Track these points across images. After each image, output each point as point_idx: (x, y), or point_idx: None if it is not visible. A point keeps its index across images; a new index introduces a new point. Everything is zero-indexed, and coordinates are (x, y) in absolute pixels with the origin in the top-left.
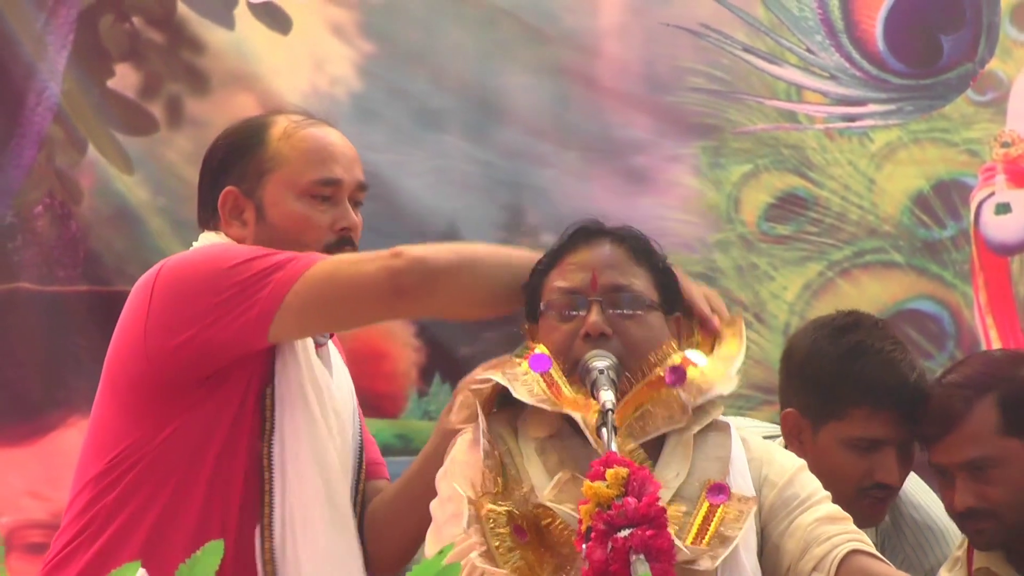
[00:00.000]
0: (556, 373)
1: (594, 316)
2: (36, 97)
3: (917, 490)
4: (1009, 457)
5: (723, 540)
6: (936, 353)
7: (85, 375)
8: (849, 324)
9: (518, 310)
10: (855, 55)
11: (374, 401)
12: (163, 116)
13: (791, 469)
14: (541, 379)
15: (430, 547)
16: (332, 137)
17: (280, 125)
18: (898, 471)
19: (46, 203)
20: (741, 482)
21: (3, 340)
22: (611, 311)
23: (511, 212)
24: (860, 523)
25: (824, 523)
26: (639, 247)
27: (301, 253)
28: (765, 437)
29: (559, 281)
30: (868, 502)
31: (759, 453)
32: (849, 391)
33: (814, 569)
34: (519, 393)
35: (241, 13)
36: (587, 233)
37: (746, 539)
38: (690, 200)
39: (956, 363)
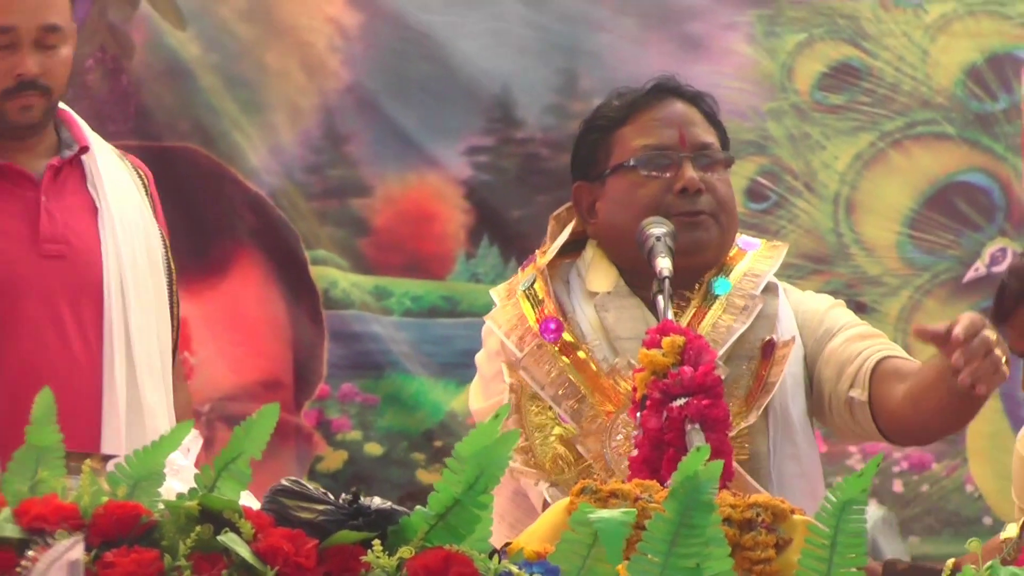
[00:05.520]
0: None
1: (690, 172)
2: None
3: None
4: None
5: (766, 388)
6: (985, 225)
7: None
8: None
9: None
10: None
11: (422, 263)
12: None
13: (823, 307)
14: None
15: (475, 399)
16: None
17: None
18: None
19: (97, 57)
20: (786, 335)
21: None
22: (699, 168)
23: (565, 76)
24: None
25: (854, 341)
26: (708, 107)
27: None
28: None
29: (643, 139)
30: None
31: (796, 302)
32: None
33: (851, 387)
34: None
35: None
36: (662, 90)
37: (792, 391)
38: (744, 68)
39: None
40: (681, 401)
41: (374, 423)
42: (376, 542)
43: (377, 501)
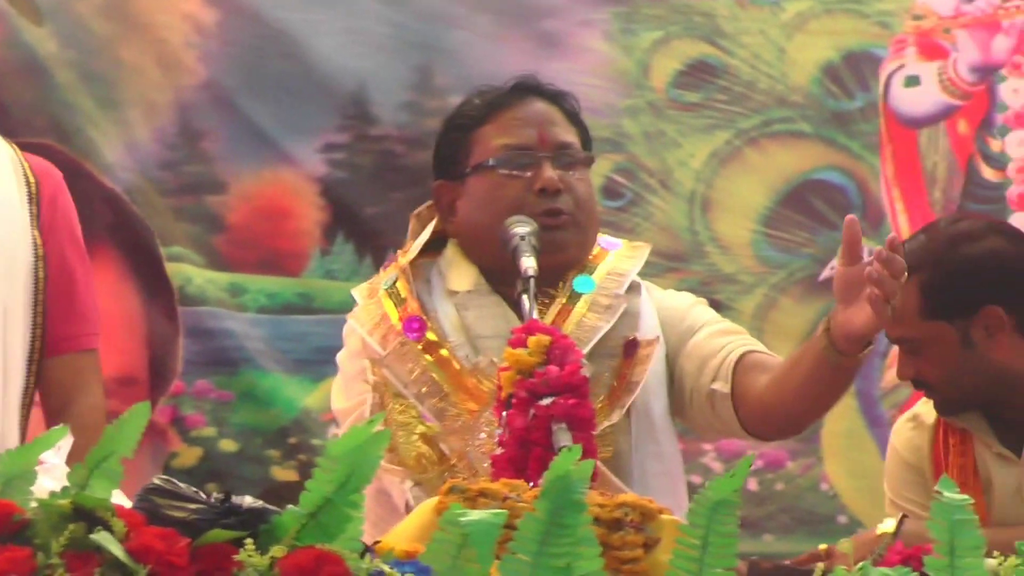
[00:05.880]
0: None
1: (550, 172)
2: None
3: None
4: (934, 338)
5: (629, 387)
6: (841, 224)
7: None
8: None
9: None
10: None
11: (277, 259)
12: None
13: (685, 305)
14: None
15: (337, 399)
16: None
17: None
18: None
19: None
20: (650, 335)
21: None
22: (559, 167)
23: (421, 74)
24: None
25: (716, 336)
26: (570, 107)
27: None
28: None
29: (503, 138)
30: None
31: (658, 301)
32: None
33: (713, 380)
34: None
35: None
36: (523, 90)
37: (654, 390)
38: (600, 65)
39: (915, 232)
40: (547, 400)
41: (228, 419)
42: (248, 541)
43: (248, 500)
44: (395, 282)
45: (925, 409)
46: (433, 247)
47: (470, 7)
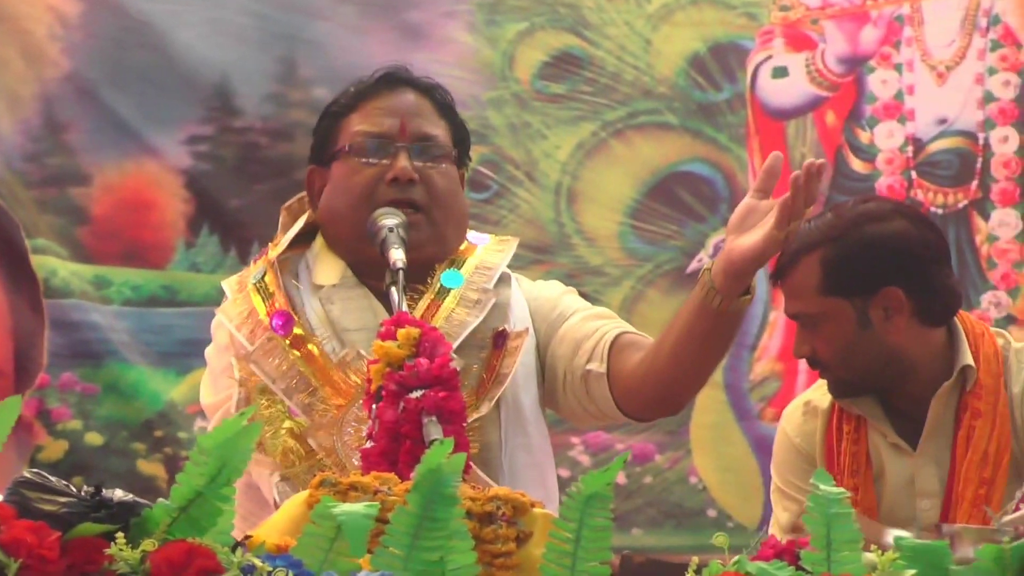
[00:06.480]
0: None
1: (404, 162)
2: None
3: None
4: (831, 314)
5: (499, 379)
6: (709, 216)
7: None
8: None
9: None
10: None
11: (141, 252)
12: None
13: (556, 293)
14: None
15: (204, 394)
16: None
17: None
18: None
19: None
20: (520, 326)
21: None
22: (417, 159)
23: (285, 65)
24: None
25: (589, 320)
26: (442, 100)
27: None
28: None
29: (364, 125)
30: None
31: (528, 291)
32: None
33: (588, 361)
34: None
35: None
36: (393, 80)
37: (524, 381)
38: (465, 57)
39: (822, 211)
40: (418, 393)
41: (94, 412)
42: (119, 534)
43: (119, 493)
44: (264, 276)
45: (818, 395)
46: (304, 240)
47: None
